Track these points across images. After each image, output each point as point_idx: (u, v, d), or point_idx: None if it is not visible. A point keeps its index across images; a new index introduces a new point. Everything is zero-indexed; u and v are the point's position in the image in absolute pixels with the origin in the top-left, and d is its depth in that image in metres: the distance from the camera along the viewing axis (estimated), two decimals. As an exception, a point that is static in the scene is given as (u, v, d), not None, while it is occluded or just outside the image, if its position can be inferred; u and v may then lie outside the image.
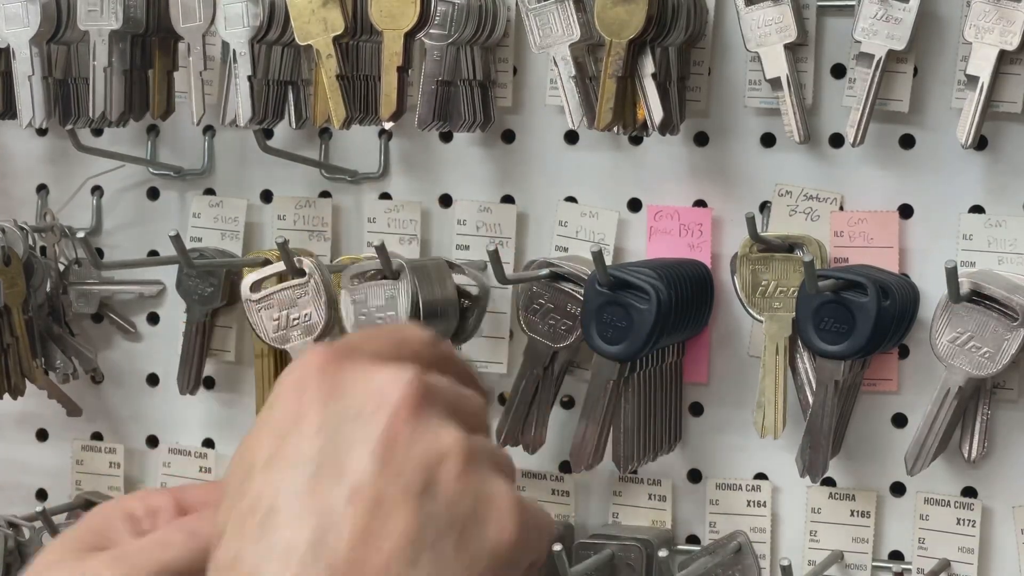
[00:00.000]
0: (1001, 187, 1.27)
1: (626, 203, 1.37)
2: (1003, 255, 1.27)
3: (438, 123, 1.34)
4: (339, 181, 1.46)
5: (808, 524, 1.35)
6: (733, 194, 1.34)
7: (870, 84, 1.24)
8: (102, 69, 1.36)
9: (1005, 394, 1.28)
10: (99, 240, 1.55)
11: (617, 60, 1.23)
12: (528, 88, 1.39)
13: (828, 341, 1.24)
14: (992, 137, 1.27)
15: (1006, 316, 1.22)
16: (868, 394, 1.32)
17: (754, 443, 1.34)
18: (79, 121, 1.41)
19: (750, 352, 1.35)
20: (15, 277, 1.45)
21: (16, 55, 1.37)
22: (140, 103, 1.40)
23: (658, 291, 1.25)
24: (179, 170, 1.52)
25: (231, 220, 1.50)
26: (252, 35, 1.31)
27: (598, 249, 1.26)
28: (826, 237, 1.31)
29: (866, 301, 1.23)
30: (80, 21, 1.36)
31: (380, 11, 1.27)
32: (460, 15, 1.31)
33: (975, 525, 1.30)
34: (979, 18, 1.21)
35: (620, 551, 1.34)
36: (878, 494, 1.33)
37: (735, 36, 1.30)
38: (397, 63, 1.26)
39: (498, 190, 1.41)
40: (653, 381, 1.33)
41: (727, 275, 1.33)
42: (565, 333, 1.33)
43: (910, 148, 1.30)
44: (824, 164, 1.32)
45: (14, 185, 1.58)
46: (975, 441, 1.27)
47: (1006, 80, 1.23)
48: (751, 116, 1.33)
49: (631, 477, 1.39)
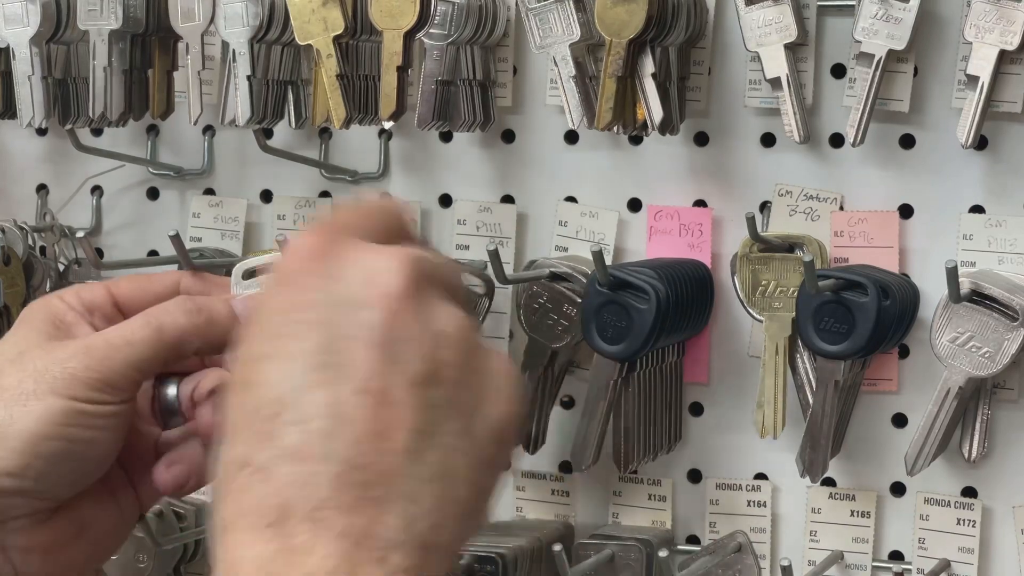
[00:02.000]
0: (1001, 187, 1.27)
1: (626, 203, 1.37)
2: (1003, 255, 1.27)
3: (438, 123, 1.34)
4: (339, 181, 1.46)
5: (808, 524, 1.35)
6: (733, 194, 1.34)
7: (870, 84, 1.24)
8: (102, 69, 1.36)
9: (1005, 394, 1.28)
10: (99, 240, 1.55)
11: (617, 60, 1.23)
12: (528, 88, 1.39)
13: (828, 341, 1.24)
14: (992, 137, 1.27)
15: (1006, 316, 1.22)
16: (868, 394, 1.32)
17: (754, 443, 1.34)
18: (79, 121, 1.40)
19: (750, 352, 1.35)
20: (15, 277, 1.45)
21: (16, 55, 1.37)
22: (140, 103, 1.40)
23: (658, 291, 1.25)
24: (179, 170, 1.52)
25: (231, 220, 1.50)
26: (252, 35, 1.31)
27: (598, 249, 1.26)
28: (826, 237, 1.31)
29: (866, 301, 1.23)
30: (80, 21, 1.36)
31: (380, 11, 1.27)
32: (460, 15, 1.31)
33: (975, 525, 1.30)
34: (979, 18, 1.20)
35: (620, 551, 1.34)
36: (878, 494, 1.33)
37: (735, 36, 1.30)
38: (397, 63, 1.26)
39: (498, 190, 1.41)
40: (653, 381, 1.33)
41: (727, 275, 1.33)
42: (564, 333, 1.33)
43: (910, 148, 1.29)
44: (824, 164, 1.31)
45: (14, 185, 1.58)
46: (975, 441, 1.27)
47: (1006, 80, 1.23)
48: (751, 116, 1.33)
49: (631, 477, 1.39)
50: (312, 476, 0.59)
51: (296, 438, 0.59)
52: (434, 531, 0.59)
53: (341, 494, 0.58)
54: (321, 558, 0.57)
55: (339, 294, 0.62)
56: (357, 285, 0.62)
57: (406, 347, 0.61)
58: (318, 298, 0.62)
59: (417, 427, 0.60)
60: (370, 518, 0.58)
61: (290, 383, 0.60)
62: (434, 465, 0.60)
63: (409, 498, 0.59)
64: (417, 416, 0.60)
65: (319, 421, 0.59)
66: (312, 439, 0.59)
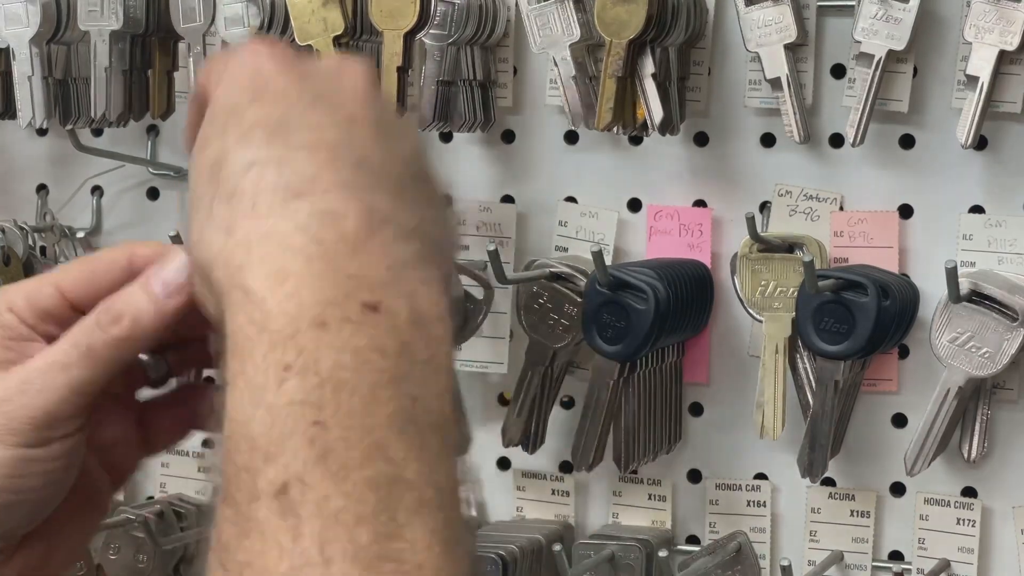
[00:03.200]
0: (1001, 187, 1.27)
1: (626, 203, 1.37)
2: (1003, 255, 1.27)
3: (438, 123, 1.34)
4: (339, 181, 1.46)
5: (808, 524, 1.35)
6: (733, 194, 1.34)
7: (870, 84, 1.24)
8: (102, 69, 1.36)
9: (1005, 394, 1.28)
10: (99, 240, 1.55)
11: (617, 60, 1.23)
12: (528, 88, 1.39)
13: (828, 341, 1.24)
14: (992, 137, 1.27)
15: (1006, 316, 1.22)
16: (868, 394, 1.32)
17: (754, 443, 1.34)
18: (79, 121, 1.41)
19: (750, 352, 1.35)
20: (15, 277, 1.45)
21: (16, 55, 1.37)
22: (140, 103, 1.40)
23: (657, 291, 1.25)
24: (179, 170, 1.52)
25: (231, 220, 1.50)
26: (252, 35, 1.31)
27: (598, 249, 1.26)
28: (826, 237, 1.31)
29: (866, 301, 1.23)
30: (80, 21, 1.36)
31: (380, 11, 1.27)
32: (460, 15, 1.31)
33: (975, 525, 1.30)
34: (979, 18, 1.20)
35: (620, 551, 1.34)
36: (878, 494, 1.33)
37: (735, 36, 1.30)
38: (397, 63, 1.27)
39: (498, 190, 1.41)
40: (653, 381, 1.33)
41: (727, 275, 1.33)
42: (564, 333, 1.33)
43: (910, 148, 1.30)
44: (824, 164, 1.31)
45: (14, 185, 1.58)
46: (975, 441, 1.27)
47: (1006, 80, 1.23)
48: (751, 116, 1.33)
49: (631, 477, 1.39)
50: (330, 159, 0.61)
51: (309, 135, 0.62)
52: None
53: (357, 175, 0.61)
54: (355, 224, 0.59)
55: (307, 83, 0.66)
56: (323, 78, 0.66)
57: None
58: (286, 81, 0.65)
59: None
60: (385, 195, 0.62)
61: (286, 106, 0.63)
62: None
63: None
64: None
65: (330, 130, 0.63)
66: (324, 136, 0.62)
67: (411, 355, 0.58)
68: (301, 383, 0.56)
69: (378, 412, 0.56)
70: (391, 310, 0.58)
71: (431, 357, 0.58)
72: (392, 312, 0.58)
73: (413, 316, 0.58)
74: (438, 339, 0.59)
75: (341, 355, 0.57)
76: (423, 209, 0.63)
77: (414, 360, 0.58)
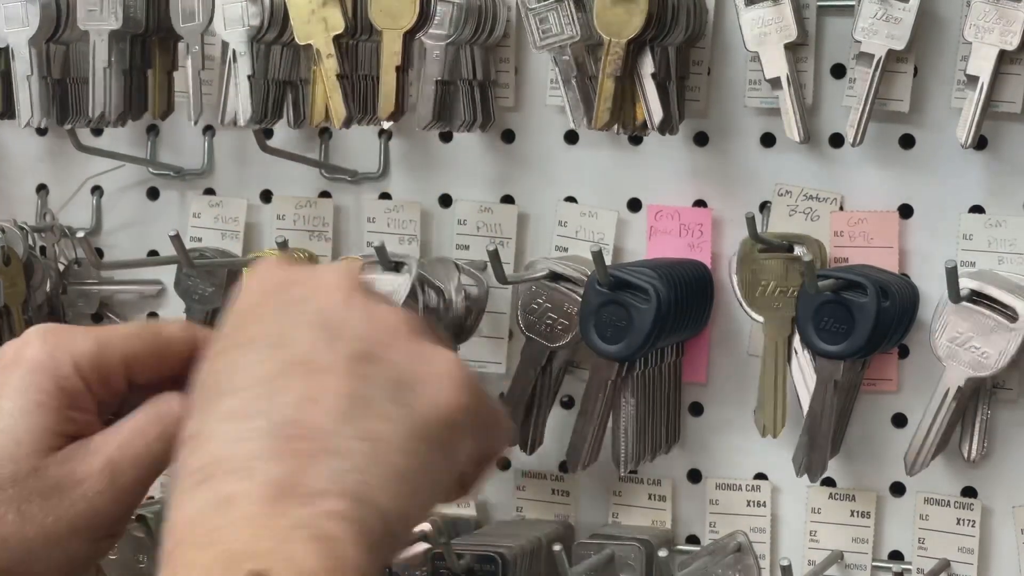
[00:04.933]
0: (1001, 187, 1.27)
1: (626, 203, 1.37)
2: (1003, 255, 1.27)
3: (438, 123, 1.34)
4: (339, 181, 1.46)
5: (808, 524, 1.35)
6: (733, 194, 1.34)
7: (870, 84, 1.24)
8: (102, 69, 1.36)
9: (1005, 394, 1.28)
10: (99, 240, 1.55)
11: (616, 60, 1.23)
12: (528, 88, 1.39)
13: (828, 341, 1.24)
14: (992, 137, 1.27)
15: (1006, 316, 1.22)
16: (868, 394, 1.32)
17: (754, 443, 1.34)
18: (79, 121, 1.41)
19: (750, 352, 1.34)
20: (15, 277, 1.45)
21: (15, 55, 1.37)
22: (140, 103, 1.40)
23: (658, 291, 1.25)
24: (179, 170, 1.52)
25: (231, 220, 1.50)
26: (251, 35, 1.31)
27: (598, 249, 1.26)
28: (826, 237, 1.31)
29: (866, 301, 1.23)
30: (80, 21, 1.36)
31: (380, 10, 1.27)
32: (460, 15, 1.31)
33: (975, 525, 1.30)
34: (979, 18, 1.20)
35: (620, 551, 1.34)
36: (878, 494, 1.33)
37: (735, 36, 1.30)
38: (396, 63, 1.26)
39: (498, 190, 1.41)
40: (652, 381, 1.33)
41: (727, 275, 1.33)
42: (564, 333, 1.33)
43: (910, 148, 1.29)
44: (824, 164, 1.31)
45: (14, 185, 1.58)
46: (975, 441, 1.27)
47: (1006, 80, 1.23)
48: (751, 116, 1.33)
49: (631, 477, 1.39)
50: (244, 432, 0.61)
51: (233, 403, 0.62)
52: (364, 487, 0.60)
53: (270, 447, 0.60)
54: (247, 504, 0.58)
55: (291, 296, 0.66)
56: (308, 287, 0.67)
57: (346, 328, 0.64)
58: (273, 299, 0.67)
59: (349, 392, 0.62)
60: (297, 468, 0.59)
61: (237, 365, 0.64)
62: (364, 429, 0.61)
63: (337, 453, 0.60)
64: (350, 383, 0.62)
65: (256, 388, 0.62)
66: (247, 403, 0.62)
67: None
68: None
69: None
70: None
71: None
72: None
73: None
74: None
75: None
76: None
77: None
